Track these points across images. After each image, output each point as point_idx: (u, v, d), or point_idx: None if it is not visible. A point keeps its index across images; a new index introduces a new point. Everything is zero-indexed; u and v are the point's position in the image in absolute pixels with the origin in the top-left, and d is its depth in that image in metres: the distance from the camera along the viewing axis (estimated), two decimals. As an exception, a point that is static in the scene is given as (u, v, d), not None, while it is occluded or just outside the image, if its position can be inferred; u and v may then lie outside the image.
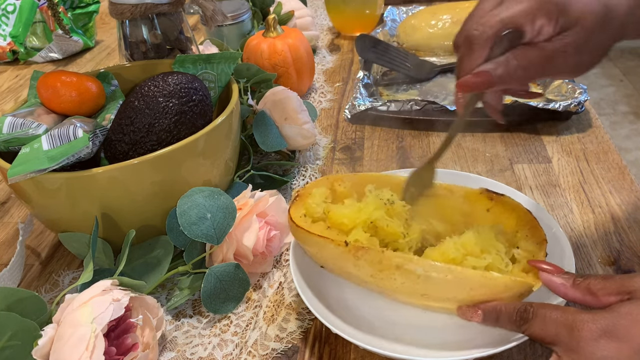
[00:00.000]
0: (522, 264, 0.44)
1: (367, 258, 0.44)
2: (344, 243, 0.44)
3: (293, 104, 0.69)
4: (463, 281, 0.42)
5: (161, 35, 0.67)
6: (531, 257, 0.44)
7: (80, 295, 0.43)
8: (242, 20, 0.92)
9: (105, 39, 1.22)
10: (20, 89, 1.02)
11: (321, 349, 0.47)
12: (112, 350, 0.41)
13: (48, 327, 0.42)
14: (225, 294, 0.50)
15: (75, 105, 0.57)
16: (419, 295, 0.44)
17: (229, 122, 0.56)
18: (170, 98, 0.54)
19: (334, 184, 0.53)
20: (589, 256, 0.54)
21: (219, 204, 0.50)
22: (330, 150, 0.74)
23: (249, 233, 0.51)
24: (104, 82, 0.63)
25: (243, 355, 0.47)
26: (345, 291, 0.50)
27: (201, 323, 0.50)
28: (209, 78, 0.62)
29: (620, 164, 0.66)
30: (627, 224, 0.57)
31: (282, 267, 0.56)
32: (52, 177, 0.49)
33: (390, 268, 0.43)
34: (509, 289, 0.41)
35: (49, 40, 1.12)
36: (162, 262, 0.52)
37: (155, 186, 0.51)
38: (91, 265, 0.46)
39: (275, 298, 0.52)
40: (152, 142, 0.54)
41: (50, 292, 0.55)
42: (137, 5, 0.63)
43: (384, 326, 0.47)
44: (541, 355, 0.44)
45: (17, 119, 0.53)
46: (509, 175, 0.65)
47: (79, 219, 0.52)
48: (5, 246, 0.63)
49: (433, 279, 0.42)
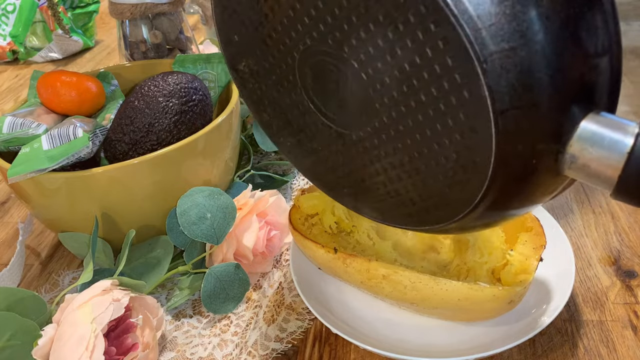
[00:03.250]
0: (515, 266, 0.44)
1: (355, 266, 0.44)
2: (333, 250, 0.44)
3: (293, 103, 0.69)
4: (450, 293, 0.41)
5: (161, 35, 0.67)
6: (524, 260, 0.44)
7: (80, 295, 0.43)
8: (242, 20, 0.92)
9: (105, 38, 1.22)
10: (20, 89, 1.02)
11: (321, 349, 0.47)
12: (112, 350, 0.41)
13: (48, 327, 0.42)
14: (225, 294, 0.50)
15: (75, 105, 0.57)
16: (409, 303, 0.44)
17: (229, 122, 0.56)
18: (170, 98, 0.54)
19: None
20: (589, 256, 0.54)
21: (219, 203, 0.50)
22: (330, 150, 0.74)
23: (249, 233, 0.51)
24: (104, 82, 0.63)
25: (243, 355, 0.47)
26: (345, 291, 0.50)
27: (201, 323, 0.50)
28: (209, 78, 0.62)
29: (621, 164, 0.65)
30: (627, 224, 0.57)
31: (282, 267, 0.56)
32: (52, 177, 0.49)
33: (377, 277, 0.43)
34: (497, 298, 0.41)
35: (49, 40, 1.12)
36: (162, 262, 0.52)
37: (155, 186, 0.51)
38: (91, 265, 0.46)
39: (275, 298, 0.52)
40: (152, 142, 0.54)
41: (50, 292, 0.55)
42: (137, 5, 0.63)
43: (385, 326, 0.47)
44: (541, 355, 0.44)
45: (17, 119, 0.53)
46: (509, 175, 0.65)
47: (79, 219, 0.52)
48: (5, 246, 0.63)
49: (420, 290, 0.42)
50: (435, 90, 0.27)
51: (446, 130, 0.28)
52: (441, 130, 0.28)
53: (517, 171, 0.28)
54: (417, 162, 0.30)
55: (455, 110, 0.27)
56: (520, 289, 0.41)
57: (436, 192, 0.31)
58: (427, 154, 0.30)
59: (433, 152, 0.29)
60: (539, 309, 0.45)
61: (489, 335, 0.44)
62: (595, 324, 0.47)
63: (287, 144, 0.39)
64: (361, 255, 0.45)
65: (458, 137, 0.27)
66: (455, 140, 0.28)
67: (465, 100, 0.26)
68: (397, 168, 0.32)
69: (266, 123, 0.40)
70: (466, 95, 0.26)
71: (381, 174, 0.33)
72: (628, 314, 0.47)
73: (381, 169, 0.33)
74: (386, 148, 0.32)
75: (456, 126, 0.27)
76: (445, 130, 0.28)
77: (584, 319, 0.47)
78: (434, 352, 0.44)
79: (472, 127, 0.26)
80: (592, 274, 0.52)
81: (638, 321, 0.47)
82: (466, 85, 0.25)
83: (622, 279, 0.51)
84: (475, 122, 0.26)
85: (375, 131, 0.32)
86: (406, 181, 0.32)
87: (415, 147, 0.30)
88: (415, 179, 0.31)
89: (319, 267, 0.49)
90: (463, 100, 0.26)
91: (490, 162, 0.26)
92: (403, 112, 0.29)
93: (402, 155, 0.31)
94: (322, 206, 0.49)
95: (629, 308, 0.48)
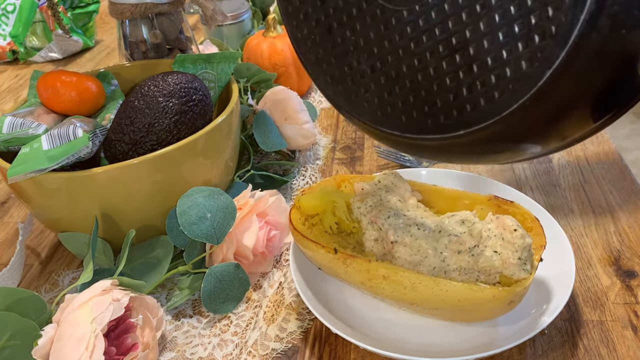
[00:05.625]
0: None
1: (355, 267, 0.44)
2: (334, 250, 0.44)
3: (293, 103, 0.69)
4: (450, 293, 0.41)
5: (161, 35, 0.67)
6: None
7: (80, 295, 0.43)
8: (242, 20, 0.92)
9: (105, 38, 1.22)
10: (20, 89, 1.02)
11: (321, 349, 0.47)
12: (112, 350, 0.41)
13: (48, 327, 0.42)
14: (225, 294, 0.50)
15: (75, 105, 0.57)
16: (409, 303, 0.44)
17: (229, 122, 0.56)
18: (170, 98, 0.54)
19: (340, 184, 0.53)
20: (589, 256, 0.54)
21: (219, 203, 0.50)
22: (331, 150, 0.74)
23: (249, 233, 0.51)
24: (104, 81, 0.63)
25: (243, 355, 0.47)
26: (345, 291, 0.50)
27: (201, 323, 0.50)
28: (209, 78, 0.62)
29: (620, 164, 0.65)
30: (627, 224, 0.57)
31: (282, 267, 0.56)
32: (52, 177, 0.49)
33: (377, 278, 0.43)
34: (497, 299, 0.41)
35: (48, 40, 1.12)
36: (162, 262, 0.52)
37: (155, 186, 0.51)
38: (91, 265, 0.46)
39: (275, 298, 0.52)
40: (152, 142, 0.54)
41: (50, 292, 0.55)
42: (137, 5, 0.63)
43: (385, 326, 0.47)
44: (541, 355, 0.44)
45: (17, 119, 0.53)
46: (509, 175, 0.65)
47: (79, 219, 0.52)
48: (5, 246, 0.63)
49: (420, 290, 0.42)
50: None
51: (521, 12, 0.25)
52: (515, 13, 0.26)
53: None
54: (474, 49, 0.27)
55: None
56: (520, 290, 0.41)
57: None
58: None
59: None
60: (539, 309, 0.45)
61: (489, 335, 0.44)
62: (595, 324, 0.47)
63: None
64: (361, 255, 0.45)
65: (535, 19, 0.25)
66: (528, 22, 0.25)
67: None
68: (447, 55, 0.29)
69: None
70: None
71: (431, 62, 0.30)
72: (628, 314, 0.47)
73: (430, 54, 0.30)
74: (443, 26, 0.29)
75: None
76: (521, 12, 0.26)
77: (584, 319, 0.47)
78: (434, 352, 0.44)
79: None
80: (592, 274, 0.52)
81: (638, 321, 0.47)
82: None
83: (622, 279, 0.51)
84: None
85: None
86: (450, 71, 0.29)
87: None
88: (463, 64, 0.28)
89: (319, 267, 0.49)
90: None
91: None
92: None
93: (459, 36, 0.28)
94: (323, 207, 0.49)
95: (629, 308, 0.48)
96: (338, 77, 0.37)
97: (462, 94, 0.30)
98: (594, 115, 0.29)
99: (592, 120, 0.30)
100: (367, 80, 0.35)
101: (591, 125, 0.30)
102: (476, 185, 0.57)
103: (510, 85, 0.28)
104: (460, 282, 0.42)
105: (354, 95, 0.36)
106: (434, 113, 0.31)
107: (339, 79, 0.37)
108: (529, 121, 0.29)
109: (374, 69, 0.34)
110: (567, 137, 0.31)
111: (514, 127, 0.29)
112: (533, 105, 0.27)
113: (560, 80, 0.26)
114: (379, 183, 0.50)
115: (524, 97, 0.27)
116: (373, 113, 0.35)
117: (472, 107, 0.29)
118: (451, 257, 0.43)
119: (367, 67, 0.34)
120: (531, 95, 0.27)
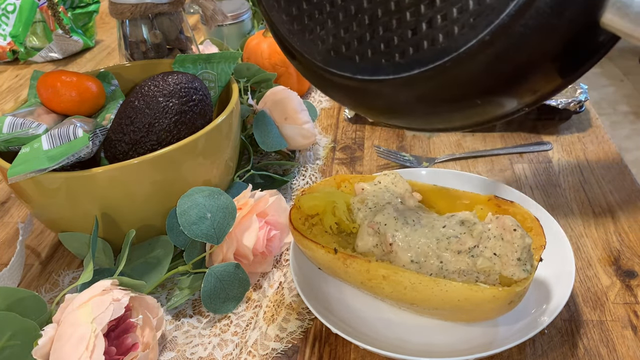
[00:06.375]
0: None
1: (355, 267, 0.44)
2: (333, 250, 0.44)
3: (293, 103, 0.69)
4: (450, 293, 0.41)
5: (161, 35, 0.67)
6: None
7: (80, 295, 0.43)
8: (242, 20, 0.92)
9: (105, 38, 1.22)
10: (20, 89, 1.02)
11: (321, 349, 0.47)
12: (112, 350, 0.41)
13: (48, 327, 0.42)
14: (225, 293, 0.50)
15: (75, 105, 0.57)
16: (409, 303, 0.44)
17: (229, 122, 0.56)
18: (170, 98, 0.54)
19: (340, 184, 0.53)
20: (588, 256, 0.54)
21: (219, 203, 0.50)
22: (331, 150, 0.74)
23: (249, 233, 0.51)
24: (104, 81, 0.63)
25: (243, 355, 0.47)
26: (345, 291, 0.50)
27: (201, 323, 0.50)
28: (209, 78, 0.62)
29: (621, 164, 0.65)
30: (627, 224, 0.57)
31: (282, 267, 0.56)
32: (52, 177, 0.49)
33: (377, 278, 0.43)
34: (497, 299, 0.41)
35: (49, 40, 1.12)
36: (162, 262, 0.52)
37: (155, 186, 0.51)
38: (91, 265, 0.46)
39: (275, 298, 0.52)
40: (152, 142, 0.54)
41: (50, 292, 0.55)
42: (137, 5, 0.63)
43: (385, 326, 0.47)
44: (541, 355, 0.44)
45: (17, 119, 0.53)
46: (509, 175, 0.65)
47: (79, 219, 0.52)
48: (5, 246, 0.63)
49: (420, 291, 0.42)
50: None
51: None
52: None
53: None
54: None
55: None
56: (520, 289, 0.41)
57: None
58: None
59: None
60: (539, 309, 0.45)
61: (489, 335, 0.44)
62: (595, 324, 0.47)
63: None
64: (361, 255, 0.45)
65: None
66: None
67: None
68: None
69: None
70: None
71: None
72: (628, 314, 0.47)
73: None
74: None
75: None
76: None
77: (584, 319, 0.47)
78: (434, 352, 0.44)
79: None
80: (592, 274, 0.52)
81: (638, 321, 0.47)
82: None
83: (622, 279, 0.51)
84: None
85: None
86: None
87: None
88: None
89: (319, 267, 0.49)
90: None
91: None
92: None
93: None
94: (323, 207, 0.49)
95: (629, 308, 0.48)
96: (295, 14, 0.35)
97: (422, 29, 0.28)
98: (560, 62, 0.28)
99: (559, 66, 0.28)
100: (324, 17, 0.33)
101: (559, 72, 0.28)
102: (476, 185, 0.57)
103: (472, 18, 0.26)
104: (460, 282, 0.42)
105: (309, 34, 0.34)
106: (389, 52, 0.29)
107: (295, 16, 0.35)
108: (486, 64, 0.27)
109: (333, 4, 0.32)
110: (534, 90, 0.29)
111: (473, 70, 0.27)
112: (492, 43, 0.25)
113: (524, 16, 0.24)
114: (379, 183, 0.50)
115: (484, 31, 0.26)
116: (326, 53, 0.33)
117: (429, 44, 0.28)
118: (451, 258, 0.43)
119: (327, 2, 0.33)
120: (491, 30, 0.25)
